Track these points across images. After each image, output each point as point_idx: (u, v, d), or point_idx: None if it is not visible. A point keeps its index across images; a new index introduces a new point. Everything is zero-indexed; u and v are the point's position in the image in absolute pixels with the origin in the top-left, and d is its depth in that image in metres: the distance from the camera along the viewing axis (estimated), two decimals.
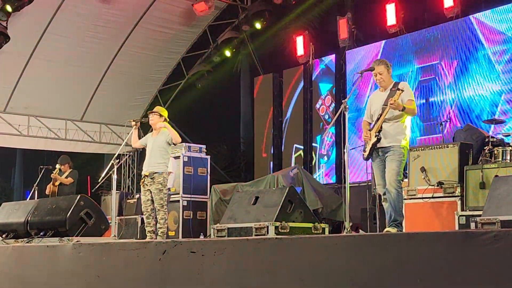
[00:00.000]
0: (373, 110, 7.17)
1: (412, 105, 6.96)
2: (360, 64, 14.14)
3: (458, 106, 12.34)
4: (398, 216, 6.90)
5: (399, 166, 6.88)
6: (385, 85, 7.13)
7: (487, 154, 8.64)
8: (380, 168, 7.03)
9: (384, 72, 7.09)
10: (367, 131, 7.10)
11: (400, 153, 6.90)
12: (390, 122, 6.94)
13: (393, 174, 6.85)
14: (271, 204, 6.58)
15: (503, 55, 11.66)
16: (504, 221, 4.68)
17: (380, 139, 6.93)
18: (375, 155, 7.03)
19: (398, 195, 6.87)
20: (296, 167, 12.11)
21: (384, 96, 7.05)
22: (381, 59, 7.31)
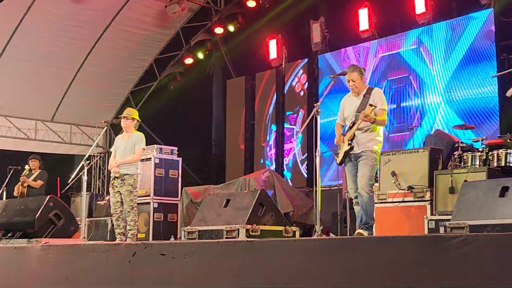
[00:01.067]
0: (346, 114, 7.21)
1: (383, 115, 7.02)
2: (333, 68, 14.19)
3: (429, 111, 12.44)
4: (369, 219, 6.95)
5: (371, 170, 6.94)
6: (358, 91, 7.16)
7: (456, 159, 8.72)
8: (352, 173, 7.07)
9: (357, 79, 7.11)
10: (340, 135, 7.14)
11: (372, 158, 6.95)
12: (363, 130, 6.99)
13: (365, 179, 6.89)
14: (242, 207, 6.57)
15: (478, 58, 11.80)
16: (473, 226, 4.73)
17: (353, 147, 6.97)
18: (347, 160, 7.08)
19: (369, 199, 6.92)
20: (268, 170, 12.12)
21: (357, 102, 7.09)
22: (354, 65, 7.34)
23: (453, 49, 12.28)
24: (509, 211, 4.65)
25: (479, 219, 4.79)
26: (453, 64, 12.22)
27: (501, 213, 4.70)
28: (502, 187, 4.84)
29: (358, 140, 6.99)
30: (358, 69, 7.19)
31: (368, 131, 6.99)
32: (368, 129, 6.99)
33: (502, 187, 4.84)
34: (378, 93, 7.12)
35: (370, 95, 7.05)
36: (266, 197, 6.80)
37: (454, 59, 12.22)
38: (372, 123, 6.92)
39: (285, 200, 11.38)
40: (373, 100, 7.00)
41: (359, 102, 7.07)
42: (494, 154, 8.41)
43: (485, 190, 5.00)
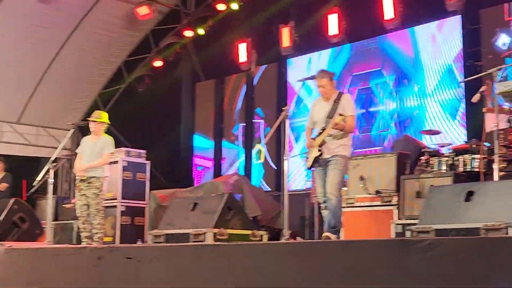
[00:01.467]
0: (316, 118, 7.23)
1: (352, 121, 7.07)
2: (302, 72, 14.22)
3: (396, 116, 12.53)
4: (337, 223, 6.99)
5: (340, 175, 6.97)
6: (328, 97, 7.18)
7: (423, 164, 8.81)
8: (321, 177, 7.09)
9: (327, 84, 7.14)
10: (310, 140, 7.15)
11: (341, 163, 6.98)
12: (332, 135, 7.02)
13: (334, 183, 6.92)
14: (210, 211, 6.55)
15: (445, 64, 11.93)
16: (438, 230, 4.76)
17: (322, 153, 7.00)
18: (317, 165, 7.09)
19: (338, 203, 6.95)
20: (237, 174, 12.09)
21: (327, 107, 7.12)
22: (325, 71, 7.38)
23: (420, 55, 12.39)
24: (474, 216, 4.70)
25: (445, 223, 4.83)
26: (420, 70, 12.33)
27: (466, 217, 4.75)
28: (467, 192, 4.88)
29: (328, 145, 7.02)
30: (328, 74, 7.23)
31: (338, 137, 7.02)
32: (337, 135, 7.02)
33: (467, 191, 4.89)
34: (348, 100, 7.16)
35: (340, 101, 7.08)
36: (234, 201, 6.79)
37: (422, 64, 12.33)
38: (342, 130, 6.94)
39: (253, 204, 11.36)
40: (343, 106, 7.02)
41: (329, 108, 7.09)
42: (460, 159, 8.50)
43: (451, 195, 5.05)
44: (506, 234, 4.34)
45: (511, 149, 7.92)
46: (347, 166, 7.09)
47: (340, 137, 7.02)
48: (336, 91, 7.26)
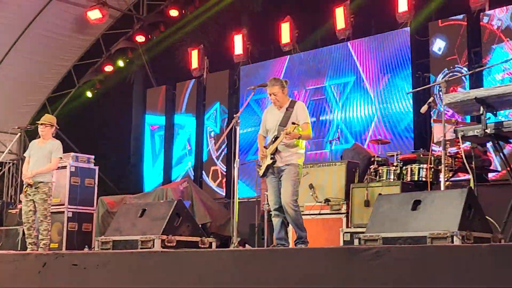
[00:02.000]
0: (269, 126, 7.18)
1: (307, 128, 7.02)
2: (254, 80, 14.24)
3: (346, 125, 12.65)
4: (301, 232, 6.96)
5: (294, 185, 6.93)
6: (280, 104, 7.13)
7: (372, 173, 8.90)
8: (273, 185, 7.05)
9: (279, 92, 7.06)
10: (262, 149, 7.10)
11: (294, 172, 6.94)
12: (285, 144, 6.98)
13: (289, 194, 6.88)
14: (158, 217, 6.47)
15: (395, 75, 12.10)
16: (386, 238, 4.80)
17: (275, 161, 6.97)
18: (269, 173, 7.05)
19: (296, 214, 6.92)
20: (186, 181, 12.04)
21: (280, 115, 7.07)
22: (276, 78, 7.25)
23: (371, 65, 12.54)
24: (420, 224, 4.75)
25: (392, 231, 4.86)
26: (370, 80, 12.48)
27: (413, 226, 4.79)
28: (415, 201, 4.93)
29: (281, 154, 6.96)
30: (280, 82, 7.13)
31: (291, 145, 7.00)
32: (290, 143, 7.00)
33: (414, 200, 4.94)
34: (301, 108, 7.11)
35: (293, 109, 7.05)
36: (183, 207, 6.72)
37: (372, 75, 12.48)
38: (298, 138, 6.94)
39: (202, 211, 11.32)
40: (296, 114, 6.99)
41: (282, 116, 7.04)
42: (408, 168, 8.63)
43: (398, 204, 5.09)
44: (451, 242, 4.40)
45: (457, 159, 8.06)
46: (300, 175, 7.06)
47: (293, 145, 6.98)
48: (289, 99, 7.19)
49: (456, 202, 4.71)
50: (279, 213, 7.01)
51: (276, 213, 7.02)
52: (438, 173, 8.38)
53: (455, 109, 5.75)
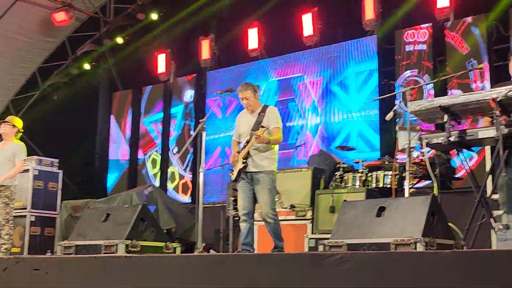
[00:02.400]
0: (241, 131, 7.19)
1: (278, 133, 7.03)
2: (221, 85, 14.22)
3: (312, 131, 12.69)
4: (279, 242, 6.96)
5: (270, 194, 6.93)
6: (252, 109, 7.14)
7: (338, 179, 8.94)
8: (244, 190, 7.03)
9: (251, 97, 7.08)
10: (235, 154, 7.09)
11: (268, 180, 6.95)
12: (258, 148, 6.98)
13: (267, 205, 6.89)
14: (122, 222, 6.42)
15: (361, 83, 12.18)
16: (350, 244, 4.82)
17: (247, 165, 6.95)
18: (241, 177, 7.04)
19: (275, 223, 6.94)
20: (151, 185, 11.96)
21: (252, 120, 7.08)
22: (248, 83, 7.25)
23: (338, 72, 12.61)
24: (384, 231, 4.78)
25: (357, 238, 4.89)
26: (338, 87, 12.54)
27: (377, 232, 4.82)
28: (379, 207, 4.97)
29: (253, 159, 6.96)
30: (251, 86, 7.14)
31: (263, 150, 6.99)
32: (262, 148, 6.99)
33: (379, 207, 4.97)
34: (273, 112, 7.12)
35: (265, 114, 7.06)
36: (148, 212, 6.68)
37: (339, 82, 12.55)
38: (267, 143, 6.93)
39: (167, 216, 11.25)
40: (267, 119, 7.01)
41: (254, 120, 7.05)
42: (373, 175, 8.69)
43: (363, 210, 5.12)
44: (415, 249, 4.43)
45: (421, 167, 8.14)
46: (275, 181, 7.06)
47: (265, 150, 6.98)
48: (261, 104, 7.21)
49: (420, 209, 4.76)
50: (247, 218, 6.99)
51: (244, 218, 7.01)
52: (403, 180, 8.45)
53: (420, 116, 5.80)
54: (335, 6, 12.85)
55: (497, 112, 5.14)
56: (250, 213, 7.01)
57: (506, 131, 5.17)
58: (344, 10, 12.81)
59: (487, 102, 5.22)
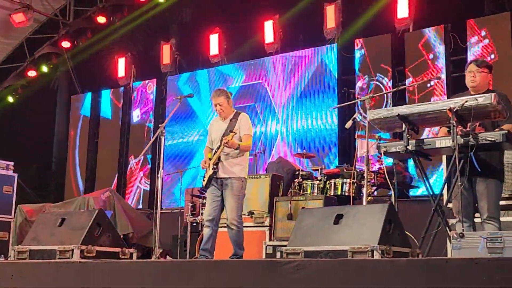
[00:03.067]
0: (213, 137, 7.21)
1: (248, 140, 7.06)
2: (181, 91, 14.18)
3: (272, 138, 12.71)
4: (239, 250, 6.97)
5: (238, 201, 6.94)
6: (225, 115, 7.18)
7: (296, 186, 8.96)
8: (212, 196, 7.03)
9: (224, 103, 7.11)
10: (206, 160, 7.08)
11: (238, 186, 6.95)
12: (228, 154, 6.99)
13: (233, 210, 6.89)
14: (78, 227, 6.31)
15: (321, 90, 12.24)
16: (307, 252, 4.82)
17: (216, 171, 6.95)
18: (212, 183, 7.03)
19: (238, 232, 6.93)
20: (109, 190, 11.83)
21: (224, 126, 7.11)
22: (221, 89, 7.31)
23: (298, 80, 12.66)
24: (342, 238, 4.79)
25: (314, 245, 4.89)
26: (298, 94, 12.58)
27: (334, 239, 4.83)
28: (337, 215, 4.98)
29: (223, 165, 6.97)
30: (225, 93, 7.19)
31: (233, 156, 7.01)
32: (233, 154, 7.00)
33: (336, 214, 4.99)
34: (244, 119, 7.16)
35: (237, 120, 7.10)
36: (104, 217, 6.58)
37: (299, 90, 12.60)
38: (236, 149, 6.94)
39: (125, 221, 11.16)
40: (238, 125, 7.04)
41: (226, 126, 7.09)
42: (332, 182, 8.74)
43: (321, 217, 5.13)
44: (372, 256, 4.45)
45: (379, 175, 8.21)
46: (244, 188, 7.06)
47: (236, 156, 6.99)
48: (234, 110, 7.26)
49: (377, 217, 4.78)
50: (210, 225, 6.99)
51: (208, 224, 7.01)
52: (361, 188, 8.52)
53: (379, 125, 5.84)
54: (296, 14, 12.91)
55: (454, 122, 5.20)
56: (215, 220, 7.00)
57: (462, 141, 5.23)
58: (305, 18, 12.88)
59: (444, 112, 5.27)
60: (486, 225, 5.48)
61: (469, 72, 5.77)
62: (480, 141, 5.20)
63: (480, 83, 5.68)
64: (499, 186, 5.60)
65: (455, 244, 4.47)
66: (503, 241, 4.30)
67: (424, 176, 5.80)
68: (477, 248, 4.35)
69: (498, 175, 5.61)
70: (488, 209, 5.49)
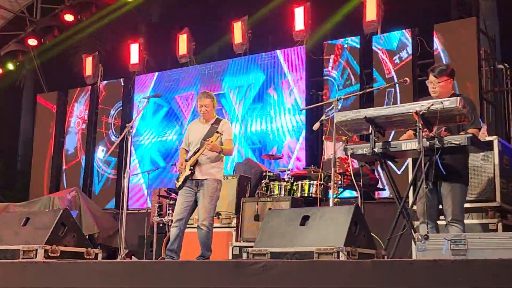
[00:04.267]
0: (191, 140, 7.24)
1: (229, 144, 7.15)
2: (149, 90, 14.13)
3: (242, 140, 12.71)
4: (206, 252, 6.98)
5: (211, 202, 6.99)
6: (207, 118, 7.25)
7: (263, 187, 8.98)
8: (184, 196, 7.06)
9: (210, 105, 7.20)
10: (183, 161, 7.10)
11: (213, 188, 7.00)
12: (207, 156, 7.04)
13: (205, 211, 6.93)
14: (42, 226, 6.23)
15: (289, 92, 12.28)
16: (273, 253, 4.82)
17: (193, 173, 6.99)
18: (186, 184, 7.06)
19: (207, 233, 6.96)
20: (75, 190, 11.72)
21: (204, 130, 7.16)
22: (208, 92, 7.41)
23: (266, 81, 12.68)
24: (308, 240, 4.80)
25: (280, 246, 4.89)
26: (266, 95, 12.61)
27: (300, 241, 4.84)
28: (303, 216, 4.99)
29: (201, 166, 7.02)
30: (211, 96, 7.28)
31: (213, 159, 7.08)
32: (212, 157, 7.06)
33: (303, 216, 5.00)
34: (226, 124, 7.25)
35: (218, 126, 7.14)
36: (69, 217, 6.51)
37: (267, 91, 12.62)
38: (219, 152, 7.00)
39: (90, 221, 11.07)
40: (221, 130, 7.06)
41: (207, 130, 7.15)
42: (299, 184, 8.76)
43: (287, 219, 5.13)
44: (337, 258, 4.47)
45: (346, 177, 8.25)
46: (219, 191, 7.09)
47: (215, 160, 7.07)
48: (216, 116, 7.34)
49: (343, 218, 4.80)
50: (178, 225, 7.01)
51: (175, 225, 7.03)
52: (328, 189, 8.56)
53: (346, 127, 5.87)
54: (265, 15, 12.94)
55: (420, 125, 5.25)
56: (184, 219, 7.02)
57: (428, 144, 5.28)
58: (274, 19, 12.92)
59: (411, 115, 5.32)
60: (450, 227, 5.54)
61: (429, 83, 5.83)
62: (445, 144, 5.26)
63: (441, 92, 5.70)
64: (463, 189, 5.67)
65: (419, 246, 4.51)
66: (466, 243, 4.35)
67: (390, 179, 5.84)
68: (442, 250, 4.39)
69: (463, 179, 5.67)
70: (452, 211, 5.56)
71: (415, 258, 4.92)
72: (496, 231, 6.47)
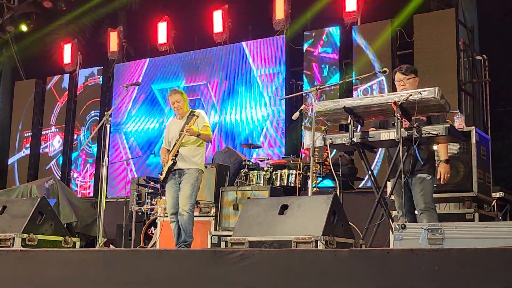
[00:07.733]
0: (171, 137, 7.31)
1: (207, 130, 7.20)
2: (127, 79, 14.06)
3: (221, 128, 12.71)
4: (188, 238, 7.04)
5: (193, 189, 7.05)
6: (182, 113, 7.32)
7: (243, 176, 8.99)
8: (172, 190, 7.15)
9: (181, 100, 7.26)
10: (165, 154, 7.16)
11: (195, 177, 7.07)
12: (187, 146, 7.11)
13: (186, 197, 6.99)
14: (19, 215, 6.20)
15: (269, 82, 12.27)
16: (252, 242, 4.84)
17: (176, 162, 7.06)
18: (170, 176, 7.14)
19: (189, 218, 7.01)
20: (52, 178, 11.66)
21: (181, 124, 7.20)
22: (176, 88, 7.58)
23: (246, 70, 12.67)
24: (286, 229, 4.82)
25: (259, 235, 4.91)
26: (245, 84, 12.60)
27: (279, 230, 4.86)
28: (282, 205, 5.00)
29: (183, 155, 7.09)
30: (179, 91, 7.36)
31: (193, 149, 7.14)
32: (192, 144, 7.13)
33: (281, 205, 5.01)
34: (201, 113, 7.30)
35: (193, 116, 7.17)
36: (47, 205, 6.48)
37: (246, 80, 12.61)
38: (197, 136, 7.03)
39: (68, 210, 11.02)
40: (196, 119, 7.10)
41: (183, 123, 7.18)
42: (278, 173, 8.78)
43: (266, 208, 5.14)
44: (315, 247, 4.49)
45: (325, 166, 8.28)
46: (200, 181, 7.13)
47: (195, 148, 7.14)
48: (189, 109, 7.38)
49: (321, 208, 4.82)
50: (175, 219, 7.10)
51: (173, 219, 7.13)
52: (307, 179, 8.58)
53: (325, 117, 5.88)
54: (246, 4, 12.92)
55: (398, 116, 5.28)
56: (178, 211, 7.07)
57: (406, 134, 5.32)
58: (254, 8, 12.89)
59: (389, 105, 5.35)
60: (424, 214, 5.62)
61: (398, 81, 5.89)
62: (423, 135, 5.30)
63: (410, 89, 5.72)
64: (432, 180, 5.75)
65: (397, 235, 4.55)
66: (443, 232, 4.39)
67: (368, 168, 5.87)
68: (418, 239, 4.43)
69: (431, 170, 5.76)
70: (425, 200, 5.65)
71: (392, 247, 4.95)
72: (472, 221, 6.55)
